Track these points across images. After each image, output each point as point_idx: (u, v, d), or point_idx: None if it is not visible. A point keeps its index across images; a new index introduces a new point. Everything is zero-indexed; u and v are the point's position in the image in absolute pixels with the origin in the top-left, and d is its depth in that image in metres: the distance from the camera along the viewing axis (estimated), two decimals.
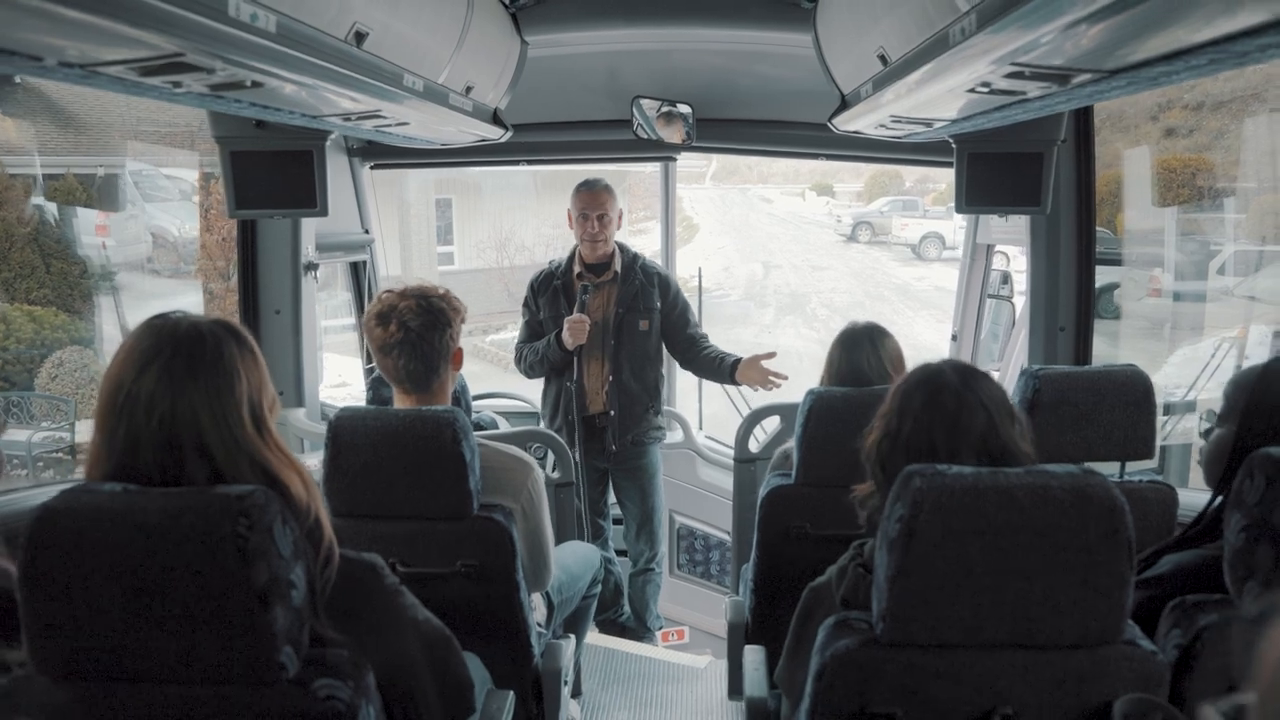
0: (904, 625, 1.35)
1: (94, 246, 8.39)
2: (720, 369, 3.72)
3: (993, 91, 1.86)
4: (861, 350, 2.46)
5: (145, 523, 1.16)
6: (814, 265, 20.91)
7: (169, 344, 1.30)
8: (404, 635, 1.46)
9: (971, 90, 1.90)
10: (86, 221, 9.05)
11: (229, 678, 1.20)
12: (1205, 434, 1.77)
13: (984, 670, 1.36)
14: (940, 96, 2.13)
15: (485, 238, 17.13)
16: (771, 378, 3.64)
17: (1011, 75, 1.70)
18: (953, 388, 1.52)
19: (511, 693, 1.98)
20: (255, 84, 1.75)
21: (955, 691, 1.37)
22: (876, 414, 1.59)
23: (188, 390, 1.27)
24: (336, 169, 3.53)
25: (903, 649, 1.37)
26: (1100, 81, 1.65)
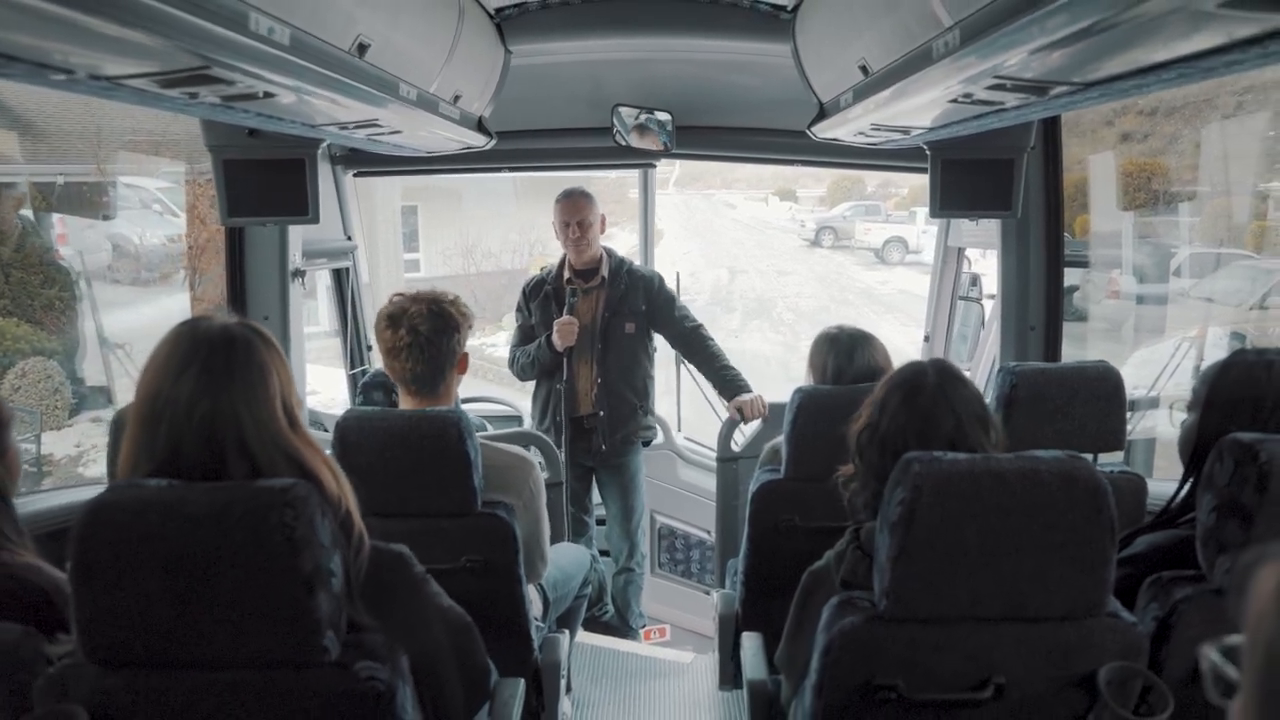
0: (905, 602, 1.44)
1: (73, 255, 8.31)
2: (721, 385, 3.78)
3: (973, 102, 1.96)
4: (864, 353, 2.55)
5: (194, 514, 1.22)
6: (779, 270, 21.07)
7: (205, 347, 1.36)
8: (430, 621, 1.53)
9: (952, 100, 2.00)
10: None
11: (275, 661, 1.26)
12: (1183, 424, 1.89)
13: (979, 642, 1.46)
14: (920, 106, 2.22)
15: (452, 245, 17.11)
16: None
17: (992, 87, 1.80)
18: (929, 390, 1.64)
19: (522, 681, 2.05)
20: (267, 95, 1.80)
21: (953, 663, 1.46)
22: (866, 400, 1.70)
23: (228, 390, 1.33)
24: (320, 177, 3.58)
25: (904, 624, 1.46)
26: (1076, 93, 1.76)
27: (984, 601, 1.43)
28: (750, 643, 2.26)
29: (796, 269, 21.31)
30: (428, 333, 2.18)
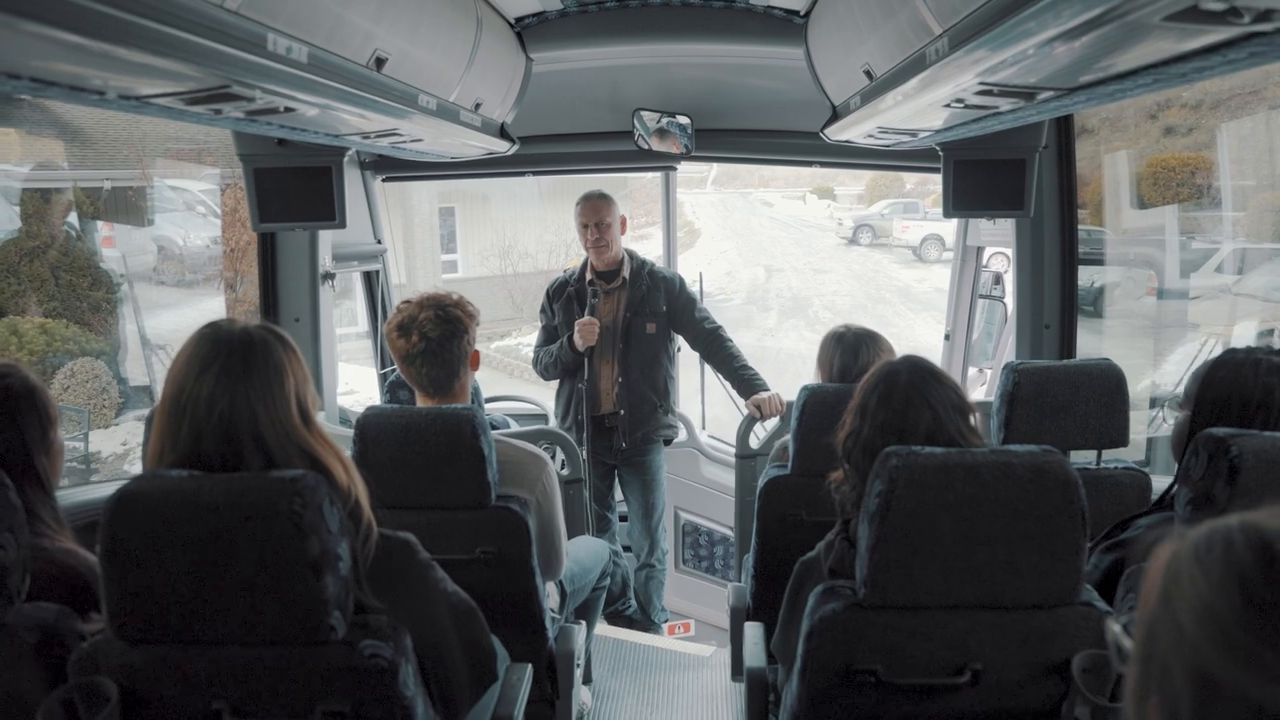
0: (883, 589, 1.50)
1: (117, 258, 8.55)
2: (739, 385, 3.86)
3: (966, 106, 2.02)
4: (869, 350, 2.61)
5: (212, 502, 1.32)
6: (816, 268, 21.02)
7: (225, 348, 1.46)
8: (435, 605, 1.62)
9: (946, 105, 2.06)
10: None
11: (286, 639, 1.36)
12: (1176, 420, 1.93)
13: (955, 629, 1.52)
14: (922, 109, 2.28)
15: (489, 245, 17.29)
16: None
17: (981, 92, 1.85)
18: (902, 388, 1.71)
19: (529, 665, 2.13)
20: (288, 109, 1.90)
21: (930, 649, 1.52)
22: (846, 409, 1.76)
23: (244, 388, 1.44)
24: (350, 182, 3.69)
25: (882, 611, 1.52)
26: (1063, 97, 1.81)
27: (959, 590, 1.49)
28: (752, 632, 2.33)
29: (833, 267, 21.24)
30: (438, 338, 2.27)
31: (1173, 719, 0.70)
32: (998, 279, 4.29)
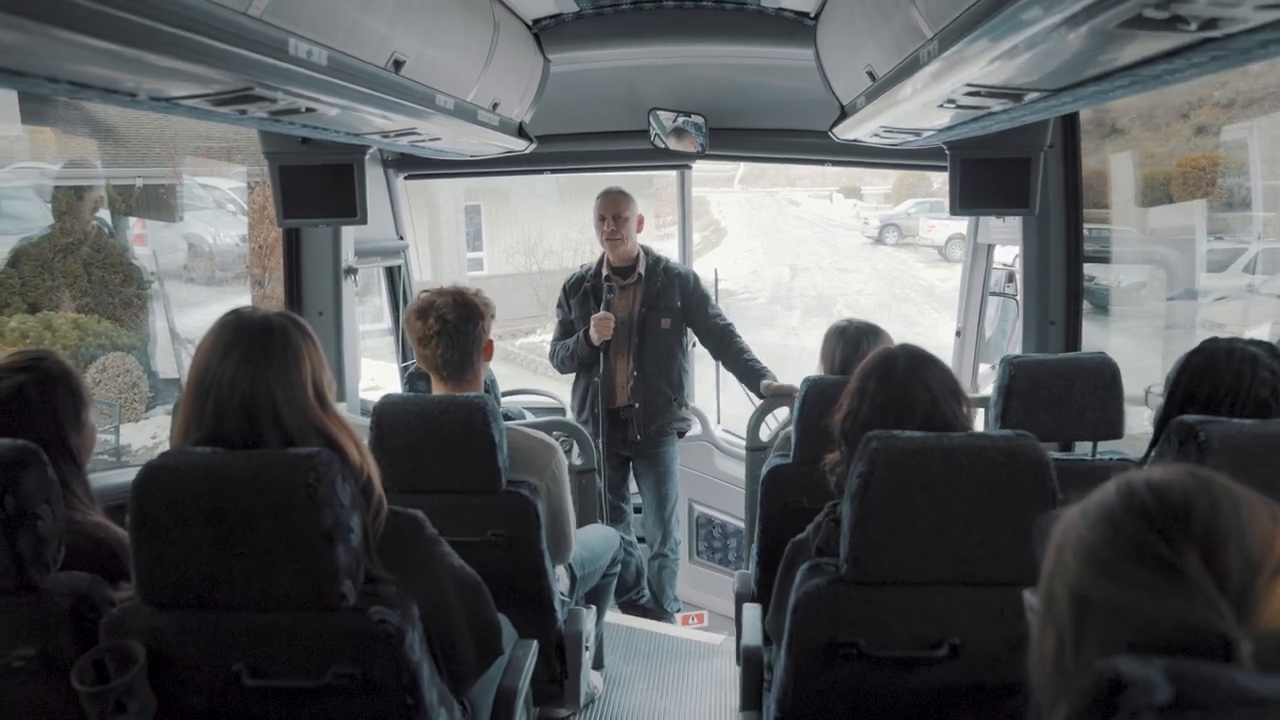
0: (864, 565, 1.58)
1: (147, 255, 8.71)
2: (748, 376, 3.95)
3: (960, 106, 2.08)
4: (870, 344, 2.68)
5: (233, 476, 1.43)
6: (841, 267, 20.99)
7: (246, 334, 1.56)
8: (441, 578, 1.72)
9: (942, 105, 2.12)
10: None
11: (300, 605, 1.46)
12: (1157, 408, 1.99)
13: (933, 605, 1.59)
14: (920, 109, 2.34)
15: (514, 243, 17.42)
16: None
17: (971, 93, 1.92)
18: (900, 372, 1.78)
19: (535, 641, 2.23)
20: (309, 109, 2.00)
21: (909, 623, 1.60)
22: (845, 390, 1.83)
23: (264, 371, 1.54)
24: (373, 179, 3.78)
25: (863, 586, 1.60)
26: (1049, 98, 1.87)
27: (936, 566, 1.57)
28: (750, 613, 2.41)
29: (859, 266, 21.18)
30: (455, 320, 2.38)
31: (1059, 644, 0.83)
32: (1010, 277, 4.33)
